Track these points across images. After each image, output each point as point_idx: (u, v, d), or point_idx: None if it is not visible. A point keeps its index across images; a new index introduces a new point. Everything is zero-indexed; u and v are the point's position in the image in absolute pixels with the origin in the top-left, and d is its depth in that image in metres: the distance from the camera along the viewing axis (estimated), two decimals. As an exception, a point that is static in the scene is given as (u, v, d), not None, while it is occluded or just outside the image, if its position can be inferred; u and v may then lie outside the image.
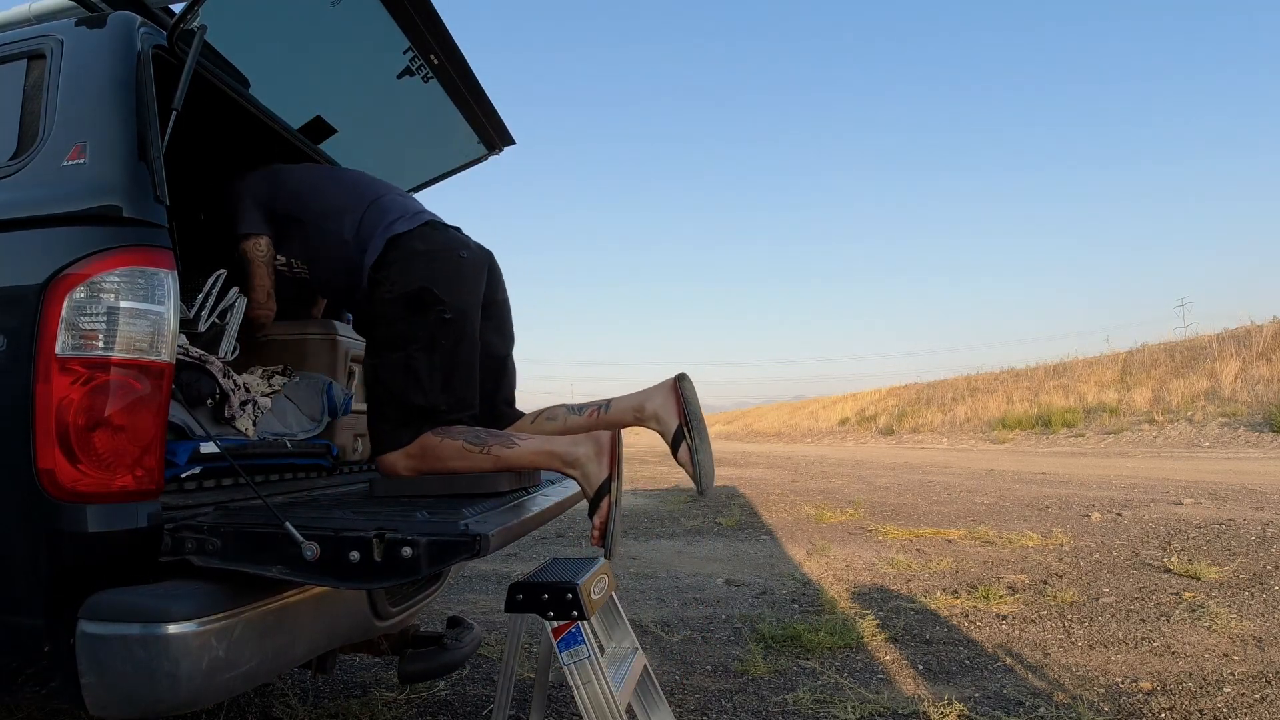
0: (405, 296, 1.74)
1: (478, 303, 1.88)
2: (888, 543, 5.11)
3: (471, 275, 1.86)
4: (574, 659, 1.49)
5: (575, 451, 1.65)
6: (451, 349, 1.76)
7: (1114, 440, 15.29)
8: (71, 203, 1.23)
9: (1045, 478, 8.83)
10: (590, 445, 1.66)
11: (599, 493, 1.62)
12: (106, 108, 1.29)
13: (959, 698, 2.30)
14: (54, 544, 1.14)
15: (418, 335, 1.73)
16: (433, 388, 1.72)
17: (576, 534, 5.77)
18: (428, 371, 1.72)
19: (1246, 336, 17.45)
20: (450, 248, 1.85)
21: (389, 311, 1.75)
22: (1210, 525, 4.98)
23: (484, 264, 1.93)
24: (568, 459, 1.66)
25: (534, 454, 1.68)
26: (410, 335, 1.73)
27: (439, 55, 2.15)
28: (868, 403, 31.31)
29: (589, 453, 1.65)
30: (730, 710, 2.29)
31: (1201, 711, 2.17)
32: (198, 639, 1.09)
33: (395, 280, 1.76)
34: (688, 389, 1.81)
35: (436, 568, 1.11)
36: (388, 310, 1.75)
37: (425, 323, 1.74)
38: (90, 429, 1.13)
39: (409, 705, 2.32)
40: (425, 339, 1.73)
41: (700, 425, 1.77)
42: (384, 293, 1.76)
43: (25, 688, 1.17)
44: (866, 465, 12.58)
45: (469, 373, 1.81)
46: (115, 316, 1.16)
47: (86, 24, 1.40)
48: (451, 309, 1.76)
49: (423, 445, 1.70)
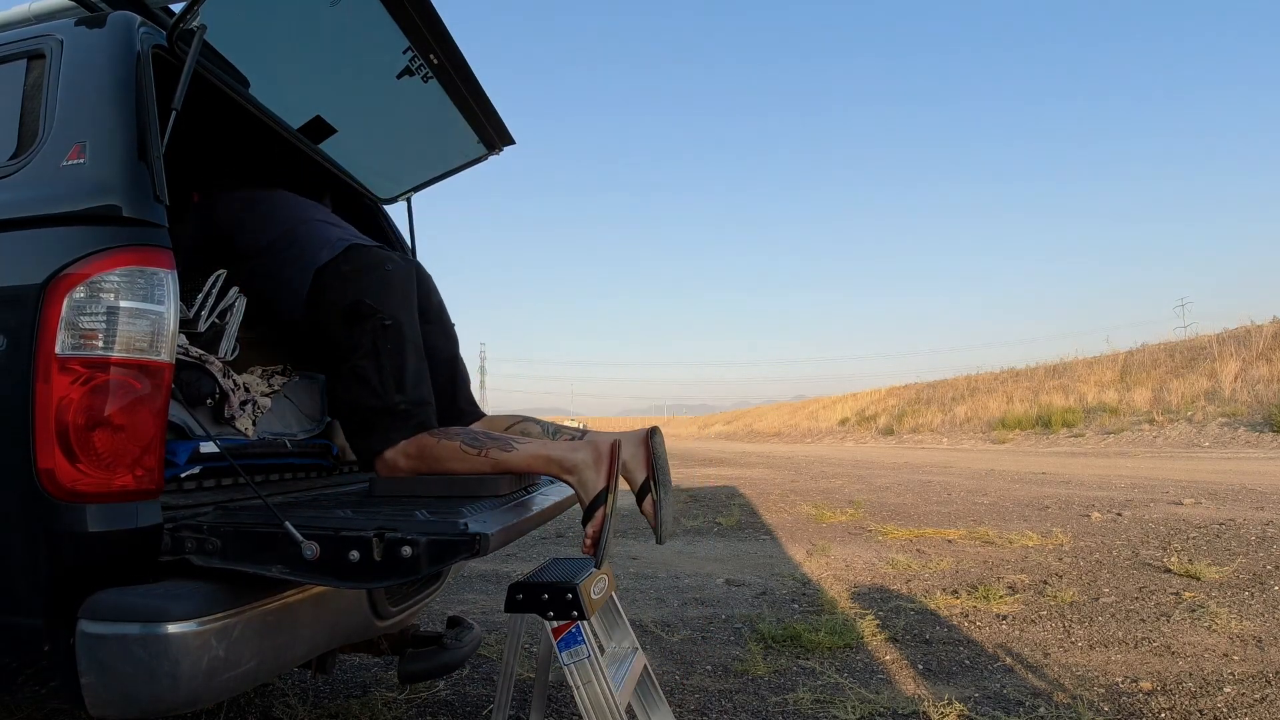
0: (341, 313, 1.81)
1: (412, 308, 1.94)
2: (888, 543, 5.11)
3: (400, 283, 1.93)
4: (574, 659, 1.49)
5: (574, 458, 1.66)
6: (396, 352, 1.82)
7: (1114, 440, 15.29)
8: (71, 202, 1.23)
9: (1045, 478, 8.83)
10: (589, 452, 1.66)
11: (594, 502, 1.63)
12: (106, 107, 1.29)
13: (959, 698, 2.30)
14: (54, 544, 1.14)
15: (360, 344, 1.79)
16: (385, 389, 1.77)
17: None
18: (377, 376, 1.77)
19: (1246, 336, 17.46)
20: (375, 262, 1.92)
21: (329, 331, 1.82)
22: (1210, 525, 4.98)
23: (411, 273, 2.00)
24: (566, 465, 1.66)
25: (531, 458, 1.69)
26: (352, 345, 1.79)
27: (439, 55, 2.15)
28: (868, 403, 31.32)
29: (587, 459, 1.65)
30: (730, 710, 2.29)
31: (1201, 711, 2.17)
32: (197, 639, 1.09)
33: (329, 302, 1.83)
34: (658, 444, 1.81)
35: (436, 567, 1.11)
36: (328, 330, 1.82)
37: (365, 331, 1.79)
38: (90, 428, 1.13)
39: (409, 705, 2.32)
40: (368, 347, 1.79)
41: (666, 480, 1.78)
42: (321, 316, 1.83)
43: (25, 687, 1.17)
44: (866, 465, 12.58)
45: (420, 373, 1.86)
46: (115, 316, 1.16)
47: (86, 24, 1.40)
48: (388, 315, 1.82)
49: (420, 446, 1.72)
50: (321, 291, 1.85)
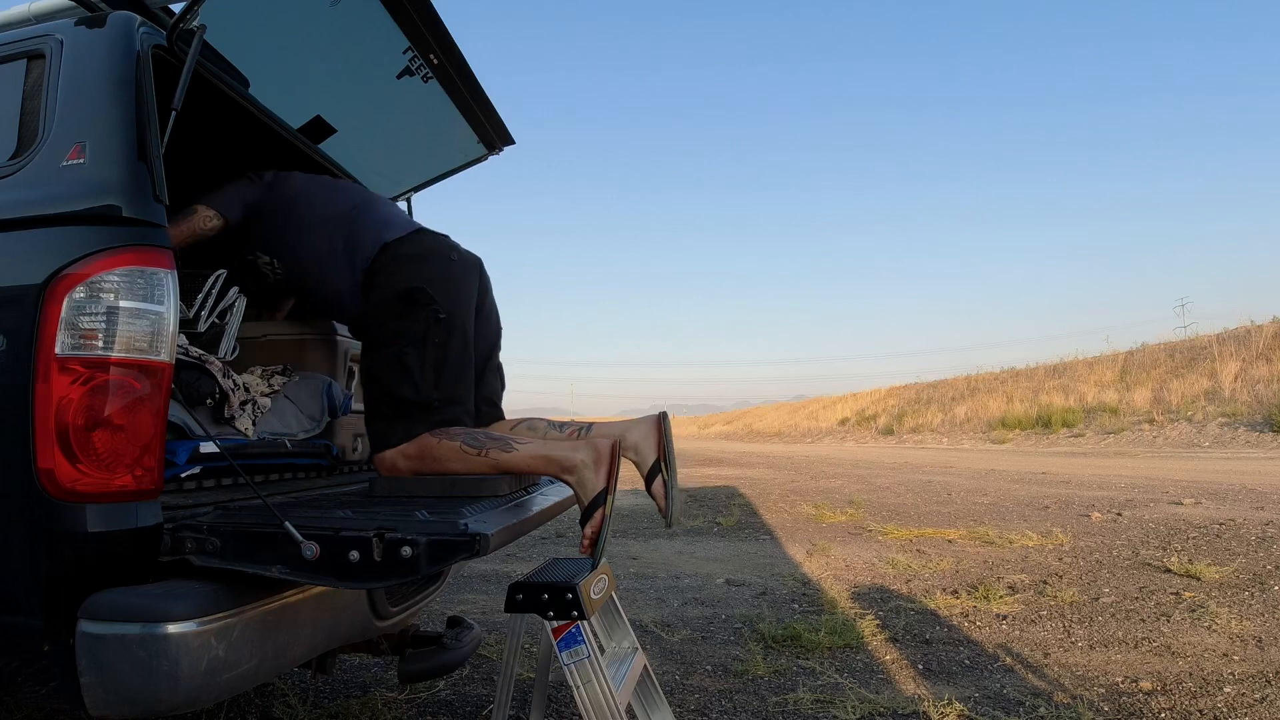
0: (397, 295, 1.79)
1: (469, 305, 1.92)
2: (888, 543, 5.11)
3: (461, 277, 1.91)
4: (574, 659, 1.48)
5: (573, 458, 1.67)
6: (443, 346, 1.80)
7: (1114, 440, 15.29)
8: (71, 202, 1.23)
9: (1045, 478, 8.83)
10: (589, 452, 1.67)
11: (593, 503, 1.63)
12: (106, 107, 1.29)
13: (959, 698, 2.30)
14: (53, 544, 1.14)
15: (409, 332, 1.77)
16: (424, 382, 1.76)
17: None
18: (419, 367, 1.76)
19: (1246, 336, 17.45)
20: (441, 251, 1.90)
21: (381, 311, 1.80)
22: (1210, 525, 4.98)
23: (474, 268, 1.98)
24: (565, 465, 1.67)
25: (532, 458, 1.70)
26: (401, 332, 1.77)
27: (439, 55, 2.15)
28: (868, 403, 31.31)
29: (587, 459, 1.66)
30: (730, 710, 2.29)
31: (1201, 711, 2.17)
32: (197, 639, 1.09)
33: (387, 282, 1.81)
34: (668, 428, 1.89)
35: (436, 567, 1.11)
36: (380, 310, 1.80)
37: (417, 320, 1.78)
38: (90, 429, 1.13)
39: (409, 705, 2.32)
40: (417, 336, 1.77)
41: (673, 463, 1.84)
42: (376, 295, 1.81)
43: (25, 687, 1.17)
44: (866, 465, 12.58)
45: (461, 370, 1.85)
46: (115, 316, 1.16)
47: (86, 24, 1.40)
48: (444, 308, 1.80)
49: (421, 446, 1.72)
50: (383, 267, 1.83)
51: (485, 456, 1.69)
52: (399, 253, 1.85)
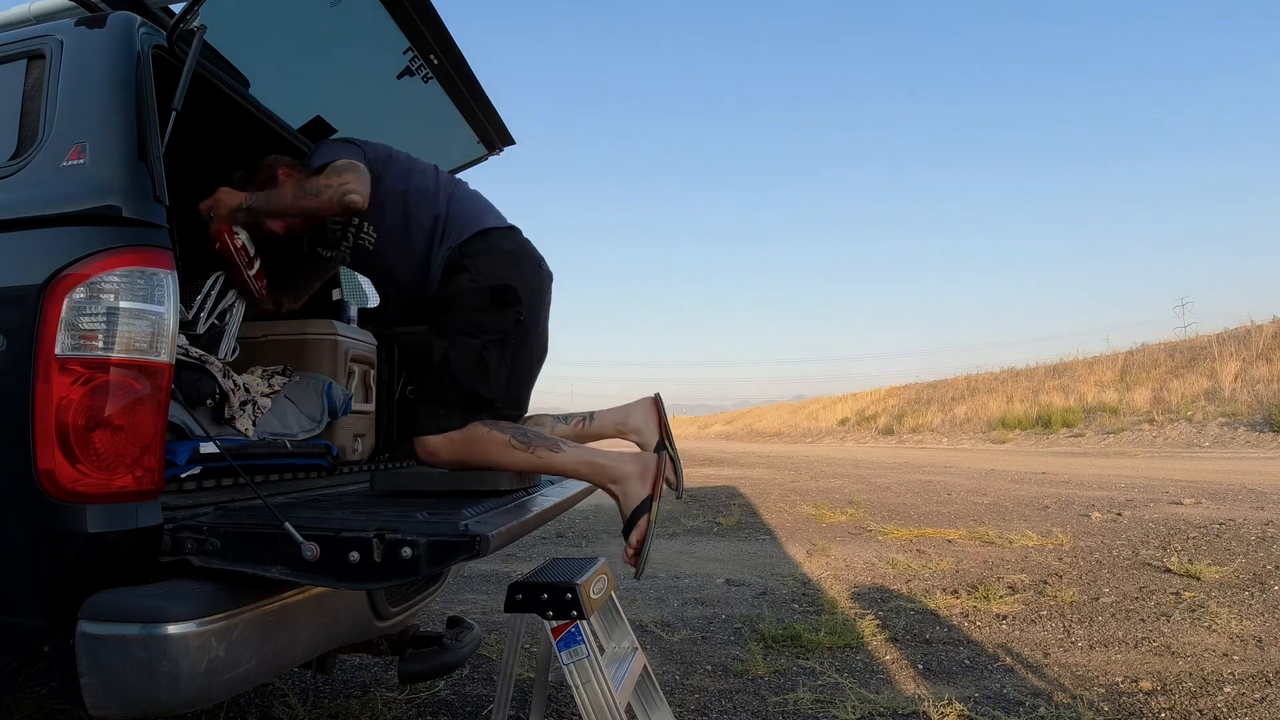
0: (491, 289, 1.79)
1: (546, 315, 1.96)
2: (888, 543, 5.11)
3: (545, 287, 1.95)
4: (573, 659, 1.49)
5: (621, 468, 1.69)
6: (518, 349, 1.83)
7: (1114, 440, 15.29)
8: (71, 203, 1.23)
9: (1045, 477, 8.83)
10: (637, 464, 1.70)
11: (638, 511, 1.65)
12: (106, 108, 1.29)
13: (959, 697, 2.30)
14: (54, 544, 1.14)
15: (494, 329, 1.78)
16: (497, 382, 1.78)
17: (576, 534, 5.77)
18: (497, 365, 1.78)
19: (1246, 336, 17.45)
20: (534, 255, 1.94)
21: (470, 299, 1.78)
22: (1210, 525, 4.98)
23: (551, 281, 2.01)
24: (612, 474, 1.69)
25: (578, 463, 1.72)
26: (487, 326, 1.78)
27: (439, 55, 2.15)
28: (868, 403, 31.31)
29: (634, 470, 1.68)
30: (730, 710, 2.29)
31: (1201, 711, 2.17)
32: (197, 639, 1.09)
33: (482, 271, 1.80)
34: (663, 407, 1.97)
35: (436, 568, 1.11)
36: (469, 298, 1.78)
37: (504, 319, 1.80)
38: (90, 429, 1.13)
39: (409, 705, 2.32)
40: (500, 334, 1.79)
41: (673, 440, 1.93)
42: (468, 280, 1.79)
43: (25, 688, 1.17)
44: (866, 465, 12.58)
45: (528, 377, 1.89)
46: (115, 317, 1.16)
47: (86, 24, 1.40)
48: (525, 313, 1.82)
49: (470, 434, 1.73)
50: (477, 254, 1.82)
51: (533, 453, 1.71)
52: (496, 245, 1.85)
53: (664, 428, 1.97)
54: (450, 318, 1.80)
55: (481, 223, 1.86)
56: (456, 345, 1.76)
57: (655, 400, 1.99)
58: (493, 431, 1.72)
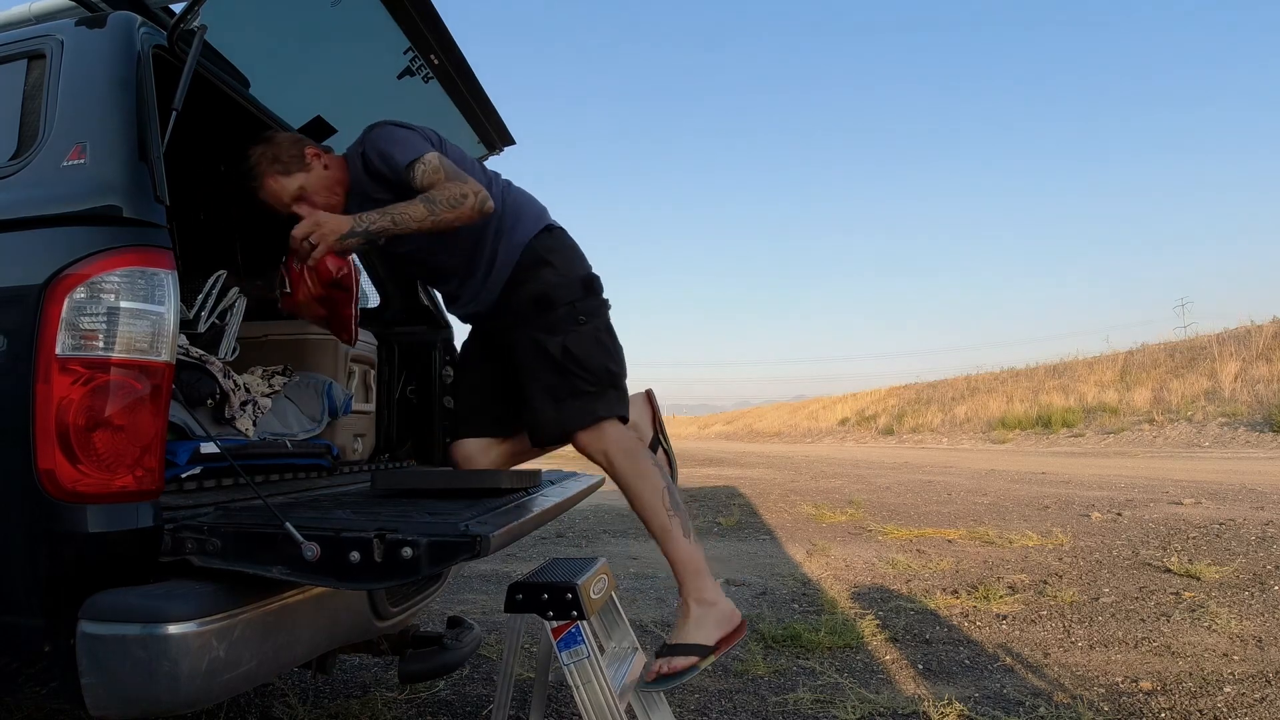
0: (581, 280, 1.83)
1: None
2: (888, 543, 5.11)
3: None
4: (573, 659, 1.48)
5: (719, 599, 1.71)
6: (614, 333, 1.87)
7: (1114, 440, 15.29)
8: (71, 203, 1.23)
9: (1045, 477, 8.83)
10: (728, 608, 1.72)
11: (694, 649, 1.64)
12: (107, 108, 1.29)
13: (959, 697, 2.30)
14: (54, 544, 1.14)
15: (599, 312, 1.83)
16: (619, 357, 1.84)
17: (577, 534, 5.77)
18: (613, 343, 1.83)
19: (1246, 336, 17.45)
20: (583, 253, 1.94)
21: (564, 293, 1.80)
22: (1210, 525, 4.98)
23: None
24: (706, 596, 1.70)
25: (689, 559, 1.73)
26: (594, 311, 1.82)
27: (439, 55, 2.15)
28: (868, 403, 31.31)
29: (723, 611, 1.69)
30: (730, 710, 2.29)
31: (1201, 711, 2.17)
32: (198, 639, 1.09)
33: (563, 264, 1.83)
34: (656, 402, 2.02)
35: (437, 568, 1.11)
36: (563, 292, 1.80)
37: (600, 305, 1.84)
38: (90, 429, 1.13)
39: (409, 705, 2.32)
40: (605, 319, 1.85)
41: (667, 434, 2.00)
42: (554, 275, 1.80)
43: (25, 688, 1.17)
44: (866, 465, 12.58)
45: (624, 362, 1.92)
46: (115, 316, 1.16)
47: (86, 24, 1.40)
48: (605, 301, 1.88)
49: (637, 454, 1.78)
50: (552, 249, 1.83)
51: (669, 518, 1.74)
52: (562, 239, 1.88)
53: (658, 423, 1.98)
54: (551, 314, 1.79)
55: (543, 220, 1.87)
56: (571, 335, 1.77)
57: (648, 395, 2.01)
58: (657, 470, 1.78)
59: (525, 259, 1.81)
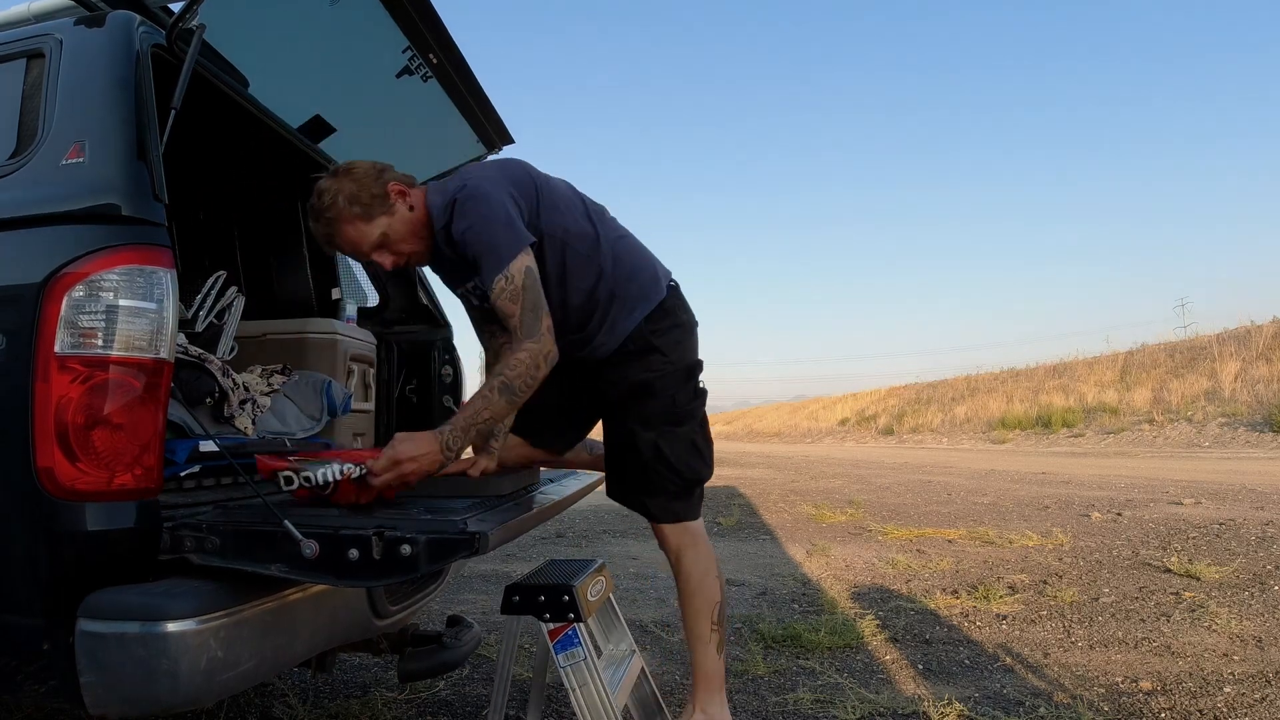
0: (685, 369, 1.77)
1: None
2: (888, 543, 5.11)
3: None
4: (570, 661, 1.48)
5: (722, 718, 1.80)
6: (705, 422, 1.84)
7: (1114, 440, 15.29)
8: (70, 201, 1.23)
9: (1045, 478, 8.82)
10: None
11: None
12: (105, 106, 1.29)
13: (959, 698, 2.29)
14: (53, 542, 1.14)
15: (695, 412, 1.79)
16: (708, 456, 1.82)
17: (576, 534, 5.76)
18: (704, 443, 1.81)
19: (1246, 336, 17.45)
20: (694, 320, 1.87)
21: (669, 383, 1.74)
22: (1210, 525, 4.98)
23: None
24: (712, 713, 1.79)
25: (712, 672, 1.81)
26: (689, 410, 1.77)
27: (438, 54, 2.15)
28: (868, 403, 31.31)
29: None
30: (730, 710, 2.28)
31: (1201, 711, 2.16)
32: (197, 637, 1.09)
33: (673, 350, 1.75)
34: None
35: (435, 565, 1.11)
36: (667, 382, 1.73)
37: (696, 396, 1.79)
38: (89, 427, 1.13)
39: (409, 705, 2.32)
40: (700, 415, 1.80)
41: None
42: (662, 362, 1.73)
43: (25, 686, 1.17)
44: (866, 465, 12.58)
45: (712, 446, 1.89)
46: (114, 315, 1.16)
47: (85, 23, 1.40)
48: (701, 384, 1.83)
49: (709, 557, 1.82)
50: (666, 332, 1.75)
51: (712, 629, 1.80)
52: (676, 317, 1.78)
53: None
54: (651, 404, 1.74)
55: (659, 289, 1.77)
56: (666, 436, 1.73)
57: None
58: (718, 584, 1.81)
59: (638, 342, 1.74)
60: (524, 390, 1.50)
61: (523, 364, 1.49)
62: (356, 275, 2.81)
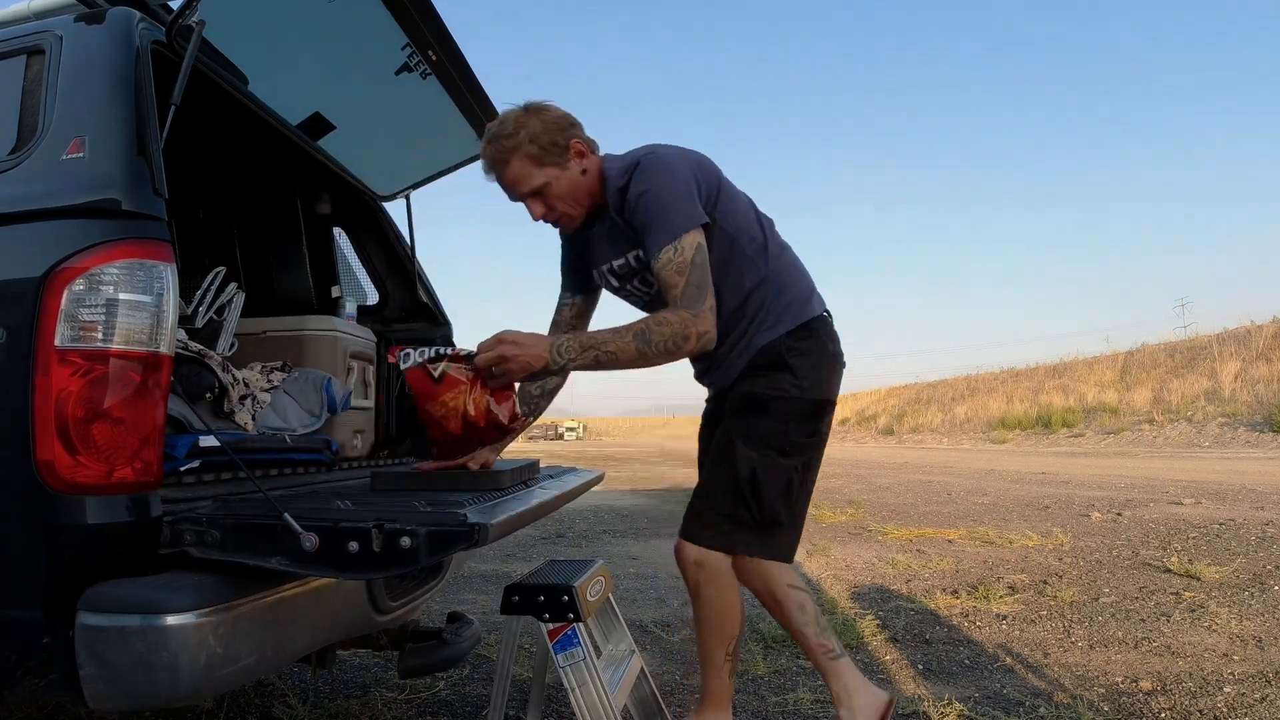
0: (813, 403, 1.64)
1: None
2: (888, 543, 5.11)
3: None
4: (569, 661, 1.47)
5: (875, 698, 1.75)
6: (813, 469, 1.71)
7: (1114, 440, 15.29)
8: (70, 196, 1.23)
9: (1045, 478, 8.83)
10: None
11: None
12: (105, 102, 1.30)
13: (959, 697, 2.29)
14: (53, 536, 1.14)
15: (804, 450, 1.65)
16: (797, 509, 1.67)
17: (577, 534, 5.76)
18: (800, 490, 1.67)
19: (1246, 336, 17.47)
20: (843, 358, 1.75)
21: (789, 407, 1.61)
22: (1210, 525, 4.98)
23: None
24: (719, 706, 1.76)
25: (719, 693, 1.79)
26: (800, 445, 1.64)
27: (437, 52, 2.15)
28: (868, 403, 31.32)
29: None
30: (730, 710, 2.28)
31: (1201, 711, 2.16)
32: (197, 631, 1.09)
33: (807, 375, 1.62)
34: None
35: (436, 558, 1.11)
36: (789, 406, 1.61)
37: (813, 435, 1.67)
38: (89, 421, 1.13)
39: (409, 705, 2.32)
40: (809, 457, 1.67)
41: None
42: (790, 384, 1.61)
43: (24, 681, 1.17)
44: (866, 465, 12.58)
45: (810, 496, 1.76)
46: (114, 309, 1.16)
47: (85, 20, 1.40)
48: (827, 426, 1.70)
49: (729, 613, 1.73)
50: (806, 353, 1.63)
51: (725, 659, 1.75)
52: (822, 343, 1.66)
53: None
54: (763, 423, 1.61)
55: (810, 309, 1.67)
56: (767, 463, 1.59)
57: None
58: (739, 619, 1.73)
59: (773, 354, 1.63)
60: (659, 349, 1.43)
61: (670, 324, 1.43)
62: (356, 273, 2.81)
